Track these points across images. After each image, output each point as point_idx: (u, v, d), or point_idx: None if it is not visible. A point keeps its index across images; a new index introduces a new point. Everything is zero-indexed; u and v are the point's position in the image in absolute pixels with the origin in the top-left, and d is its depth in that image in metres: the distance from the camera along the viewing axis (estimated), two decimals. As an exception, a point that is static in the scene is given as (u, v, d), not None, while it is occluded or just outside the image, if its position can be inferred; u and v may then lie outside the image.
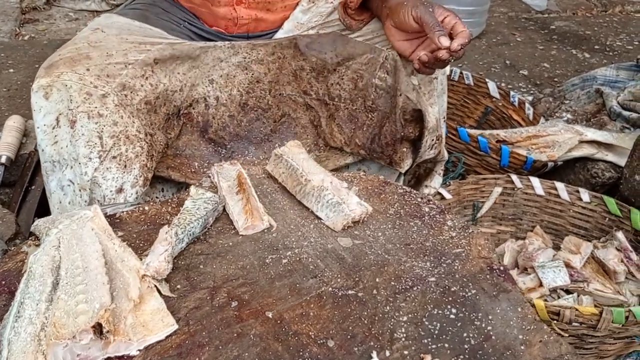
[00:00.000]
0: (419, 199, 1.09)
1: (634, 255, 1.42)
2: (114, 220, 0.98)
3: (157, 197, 1.30)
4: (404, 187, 1.13)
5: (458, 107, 2.18)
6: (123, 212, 1.00)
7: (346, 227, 0.99)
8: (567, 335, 1.09)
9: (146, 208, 1.02)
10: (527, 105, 2.03)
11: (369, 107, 1.32)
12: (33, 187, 1.66)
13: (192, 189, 1.01)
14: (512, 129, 1.92)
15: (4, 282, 0.85)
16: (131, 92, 1.18)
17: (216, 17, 1.37)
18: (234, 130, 1.35)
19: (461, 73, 2.12)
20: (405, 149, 1.30)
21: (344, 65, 1.31)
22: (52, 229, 0.90)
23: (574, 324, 1.07)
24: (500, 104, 2.09)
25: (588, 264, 1.43)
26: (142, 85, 1.20)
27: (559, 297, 1.36)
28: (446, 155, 1.37)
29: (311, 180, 1.03)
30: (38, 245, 0.89)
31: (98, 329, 0.73)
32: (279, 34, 1.41)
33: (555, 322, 1.08)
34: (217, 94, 1.32)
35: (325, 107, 1.33)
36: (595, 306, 1.38)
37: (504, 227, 1.61)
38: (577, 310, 1.05)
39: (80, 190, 1.11)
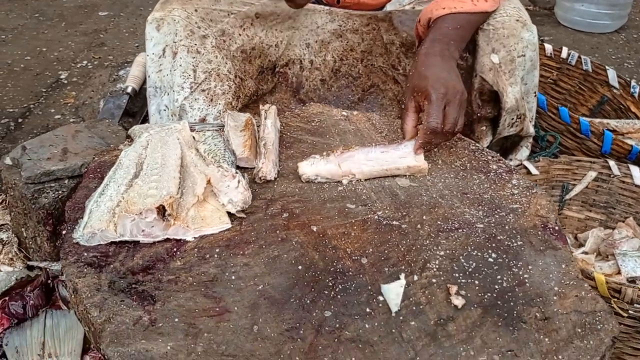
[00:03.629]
0: (490, 157, 1.09)
1: None
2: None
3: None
4: (477, 144, 1.13)
5: (572, 94, 2.08)
6: (209, 130, 1.11)
7: None
8: (626, 315, 1.04)
9: (229, 130, 1.12)
10: (648, 97, 1.89)
11: None
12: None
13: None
14: (625, 120, 1.81)
15: (98, 170, 0.99)
16: (229, 39, 1.29)
17: None
18: (324, 94, 1.42)
19: (579, 57, 2.01)
20: (484, 128, 1.29)
21: None
22: (144, 133, 1.03)
23: (635, 305, 1.03)
24: (618, 93, 1.96)
25: (679, 261, 1.33)
26: (239, 35, 1.30)
27: (637, 289, 1.29)
28: (532, 130, 1.33)
29: None
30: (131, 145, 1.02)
31: (162, 211, 0.83)
32: None
33: (615, 300, 1.04)
34: (312, 57, 1.40)
35: None
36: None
37: (594, 214, 1.54)
38: (640, 290, 1.00)
39: (172, 116, 1.24)
